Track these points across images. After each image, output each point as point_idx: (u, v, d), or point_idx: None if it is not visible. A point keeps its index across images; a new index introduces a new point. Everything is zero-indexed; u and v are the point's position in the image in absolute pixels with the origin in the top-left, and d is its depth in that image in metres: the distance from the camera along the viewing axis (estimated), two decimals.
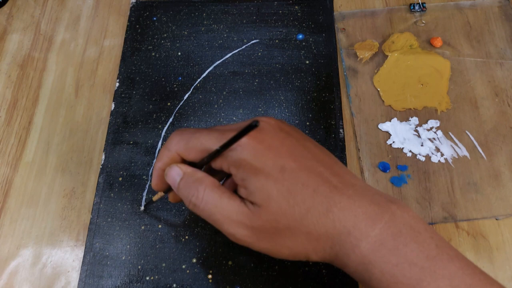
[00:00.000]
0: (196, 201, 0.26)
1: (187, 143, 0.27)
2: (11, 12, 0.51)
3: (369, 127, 0.42)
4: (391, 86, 0.44)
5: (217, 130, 0.27)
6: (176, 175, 0.27)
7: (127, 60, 0.46)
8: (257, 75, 0.45)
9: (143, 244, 0.38)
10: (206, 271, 0.36)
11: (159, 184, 0.30)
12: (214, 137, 0.26)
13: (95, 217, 0.39)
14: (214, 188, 0.26)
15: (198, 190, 0.26)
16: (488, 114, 0.43)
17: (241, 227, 0.25)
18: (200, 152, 0.27)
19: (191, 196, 0.26)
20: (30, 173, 0.41)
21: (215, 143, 0.26)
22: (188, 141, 0.27)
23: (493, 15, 0.48)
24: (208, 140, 0.26)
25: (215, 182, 0.27)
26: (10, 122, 0.44)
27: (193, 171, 0.27)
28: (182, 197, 0.27)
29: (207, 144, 0.26)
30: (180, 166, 0.28)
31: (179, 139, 0.28)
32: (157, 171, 0.29)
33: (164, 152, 0.28)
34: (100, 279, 0.36)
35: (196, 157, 0.27)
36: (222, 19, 0.48)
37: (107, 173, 0.41)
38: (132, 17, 0.49)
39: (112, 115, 0.43)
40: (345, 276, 0.36)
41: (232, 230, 0.25)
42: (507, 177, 0.40)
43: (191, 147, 0.27)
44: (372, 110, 0.43)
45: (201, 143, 0.27)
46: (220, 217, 0.26)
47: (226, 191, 0.26)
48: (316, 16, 0.48)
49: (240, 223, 0.25)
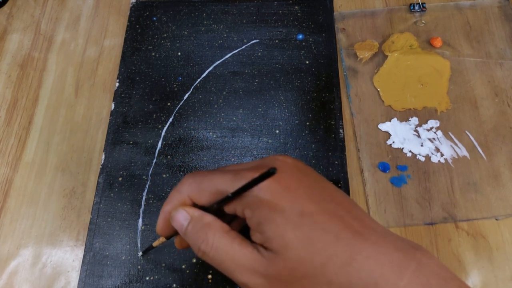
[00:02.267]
0: (205, 248, 0.24)
1: (199, 185, 0.26)
2: (11, 12, 0.51)
3: (369, 127, 0.42)
4: (391, 86, 0.44)
5: (231, 172, 0.25)
6: (183, 220, 0.26)
7: (127, 60, 0.46)
8: (257, 75, 0.45)
9: (143, 244, 0.38)
10: (206, 271, 0.36)
11: (164, 228, 0.28)
12: (228, 179, 0.25)
13: (95, 217, 0.39)
14: (224, 233, 0.24)
15: (207, 236, 0.24)
16: (488, 114, 0.43)
17: (254, 275, 0.23)
18: (213, 194, 0.25)
19: (200, 243, 0.25)
20: (30, 173, 0.41)
21: (229, 185, 0.24)
22: (200, 183, 0.26)
23: (493, 15, 0.48)
24: (222, 183, 0.25)
25: (224, 227, 0.25)
26: (10, 122, 0.44)
27: (201, 214, 0.26)
28: (190, 243, 0.26)
29: (221, 187, 0.25)
30: (187, 209, 0.26)
31: (192, 181, 0.26)
32: (165, 214, 0.27)
33: (174, 195, 0.27)
34: (100, 279, 0.36)
35: (208, 201, 0.26)
36: (222, 19, 0.48)
37: (107, 173, 0.41)
38: (132, 17, 0.49)
39: (112, 115, 0.43)
40: None
41: (244, 279, 0.24)
42: (507, 177, 0.40)
43: (203, 189, 0.25)
44: (372, 110, 0.43)
45: (214, 185, 0.25)
46: (231, 264, 0.24)
47: (237, 237, 0.25)
48: (316, 16, 0.48)
49: (253, 271, 0.23)
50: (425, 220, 0.38)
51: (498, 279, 0.36)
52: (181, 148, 0.42)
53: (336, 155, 0.41)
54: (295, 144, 0.41)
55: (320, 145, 0.41)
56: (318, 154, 0.41)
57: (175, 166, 0.41)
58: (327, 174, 0.40)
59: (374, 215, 0.39)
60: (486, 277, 0.36)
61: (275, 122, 0.43)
